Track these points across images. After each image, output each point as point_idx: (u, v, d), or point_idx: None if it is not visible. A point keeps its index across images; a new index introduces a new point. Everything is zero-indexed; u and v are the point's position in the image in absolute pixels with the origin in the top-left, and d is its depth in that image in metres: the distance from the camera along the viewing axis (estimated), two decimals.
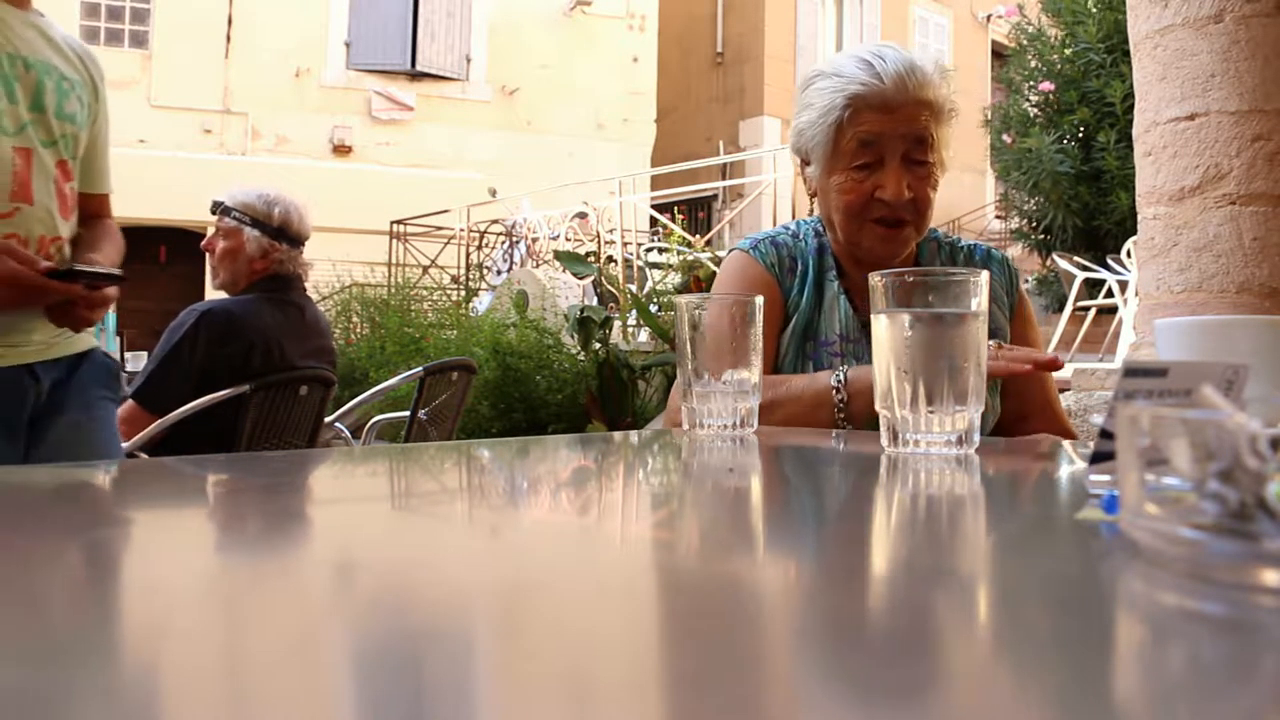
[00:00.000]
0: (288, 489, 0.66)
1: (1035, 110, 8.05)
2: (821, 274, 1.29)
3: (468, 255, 9.22)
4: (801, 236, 1.32)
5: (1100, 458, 0.49)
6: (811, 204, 1.37)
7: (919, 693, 0.26)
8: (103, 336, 3.76)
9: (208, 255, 2.39)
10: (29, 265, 1.23)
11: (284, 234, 2.36)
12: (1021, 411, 1.25)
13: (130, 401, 2.19)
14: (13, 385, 1.31)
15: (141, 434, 2.14)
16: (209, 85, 11.17)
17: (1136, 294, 3.82)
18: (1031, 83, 8.02)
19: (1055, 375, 1.32)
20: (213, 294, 2.53)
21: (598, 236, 7.38)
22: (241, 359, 2.22)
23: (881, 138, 1.17)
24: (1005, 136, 8.08)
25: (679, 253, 5.74)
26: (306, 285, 2.51)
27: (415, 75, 11.86)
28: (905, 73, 1.15)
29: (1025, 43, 8.25)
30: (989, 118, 8.64)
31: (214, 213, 2.40)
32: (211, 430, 2.21)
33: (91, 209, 1.49)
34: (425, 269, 9.40)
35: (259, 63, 11.22)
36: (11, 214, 1.29)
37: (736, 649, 0.28)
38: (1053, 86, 7.83)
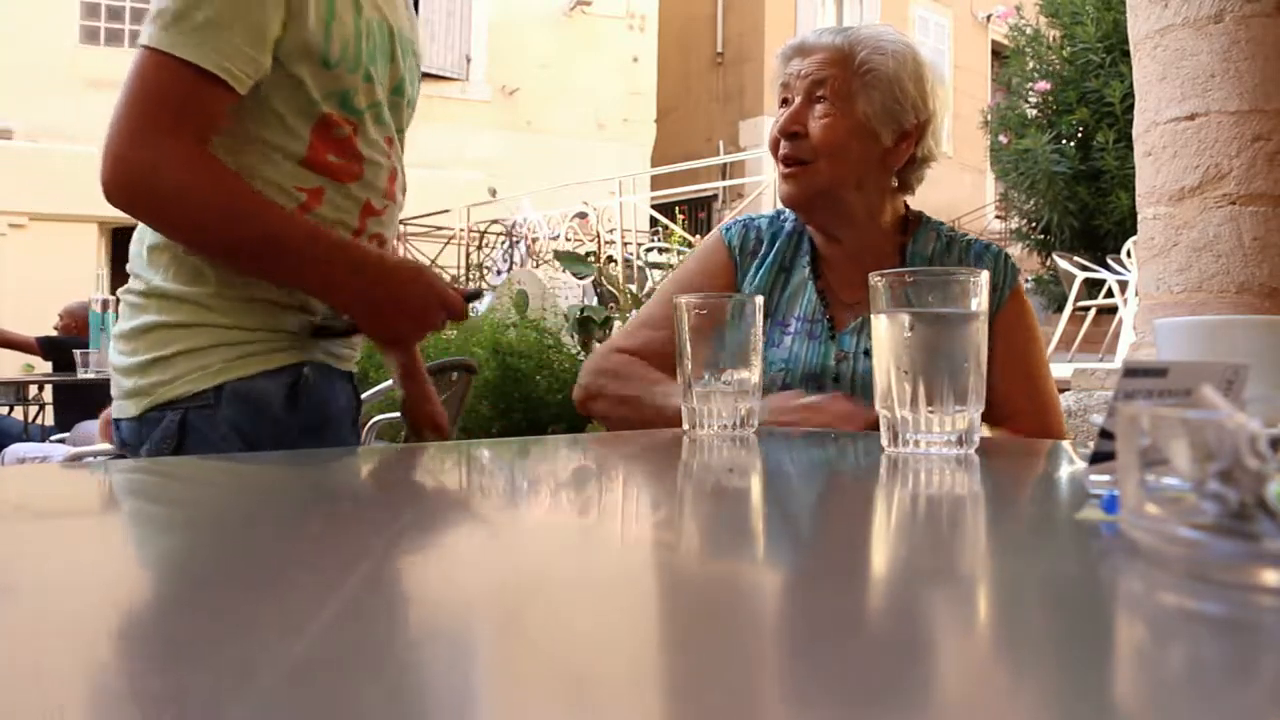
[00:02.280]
0: (288, 488, 0.66)
1: (1034, 111, 8.05)
2: (792, 258, 1.32)
3: (468, 255, 9.22)
4: (783, 220, 1.36)
5: (1100, 458, 0.49)
6: None
7: (919, 693, 0.26)
8: (103, 336, 3.77)
9: None
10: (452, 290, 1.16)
11: None
12: (999, 415, 1.22)
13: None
14: (351, 387, 1.24)
15: None
16: None
17: (1136, 294, 3.82)
18: (1029, 84, 8.02)
19: (1055, 375, 1.31)
20: None
21: (598, 236, 7.38)
22: None
23: (791, 79, 1.26)
24: (1002, 137, 8.08)
25: (679, 253, 5.74)
26: None
27: None
28: (833, 29, 1.27)
29: (1023, 44, 8.26)
30: (988, 118, 8.64)
31: None
32: None
33: None
34: None
35: None
36: (382, 211, 1.19)
37: (736, 649, 0.28)
38: (1049, 86, 7.83)
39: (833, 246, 1.31)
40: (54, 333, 5.04)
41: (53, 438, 3.88)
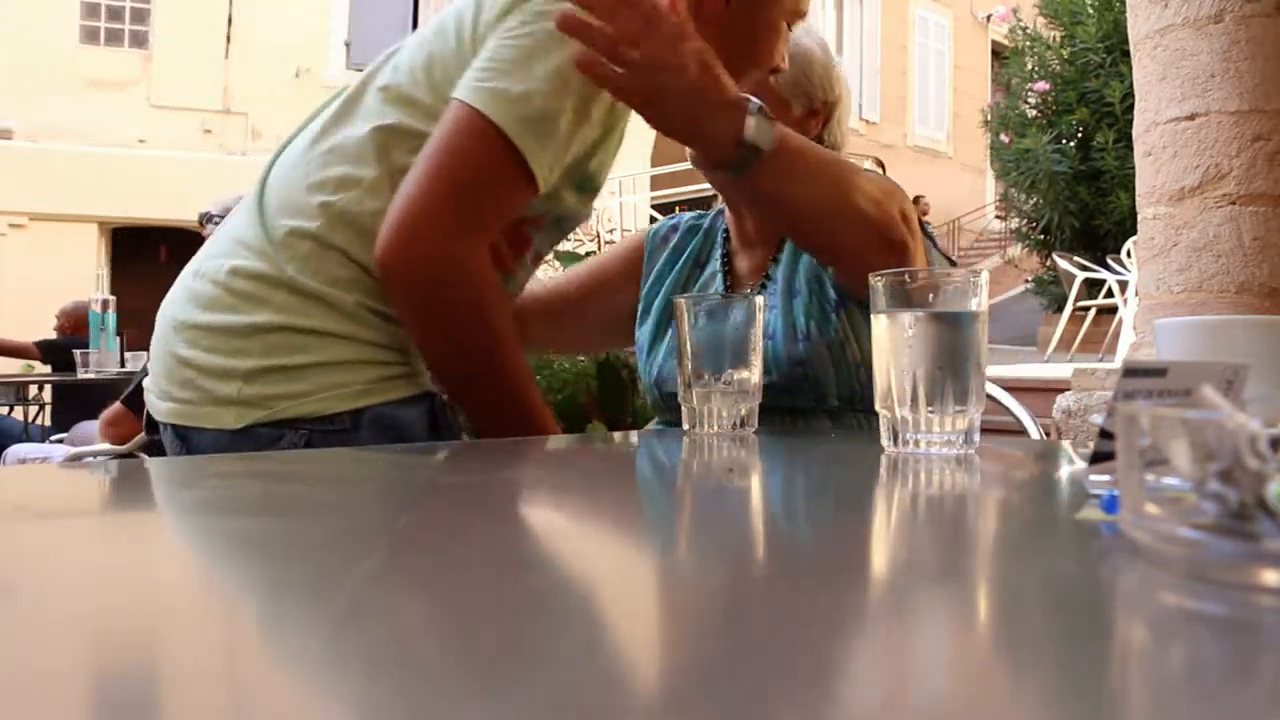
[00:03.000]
0: (291, 488, 0.66)
1: (1034, 111, 8.05)
2: (707, 253, 1.36)
3: None
4: (706, 218, 1.41)
5: (1100, 458, 0.49)
6: None
7: (919, 693, 0.26)
8: (103, 336, 3.77)
9: None
10: None
11: None
12: None
13: (119, 405, 2.19)
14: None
15: (141, 434, 2.14)
16: (209, 85, 11.17)
17: (1136, 294, 3.82)
18: (1028, 85, 8.03)
19: (1054, 375, 1.31)
20: None
21: (598, 237, 7.38)
22: None
23: None
24: (1003, 136, 8.08)
25: None
26: None
27: None
28: None
29: (1022, 45, 8.26)
30: (988, 118, 8.65)
31: (200, 225, 2.43)
32: None
33: None
34: None
35: (259, 63, 11.22)
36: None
37: (736, 649, 0.28)
38: (1048, 86, 7.83)
39: (740, 225, 1.34)
40: (53, 334, 5.04)
41: (52, 438, 3.88)
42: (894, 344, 0.75)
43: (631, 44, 0.86)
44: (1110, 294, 6.39)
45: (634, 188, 8.28)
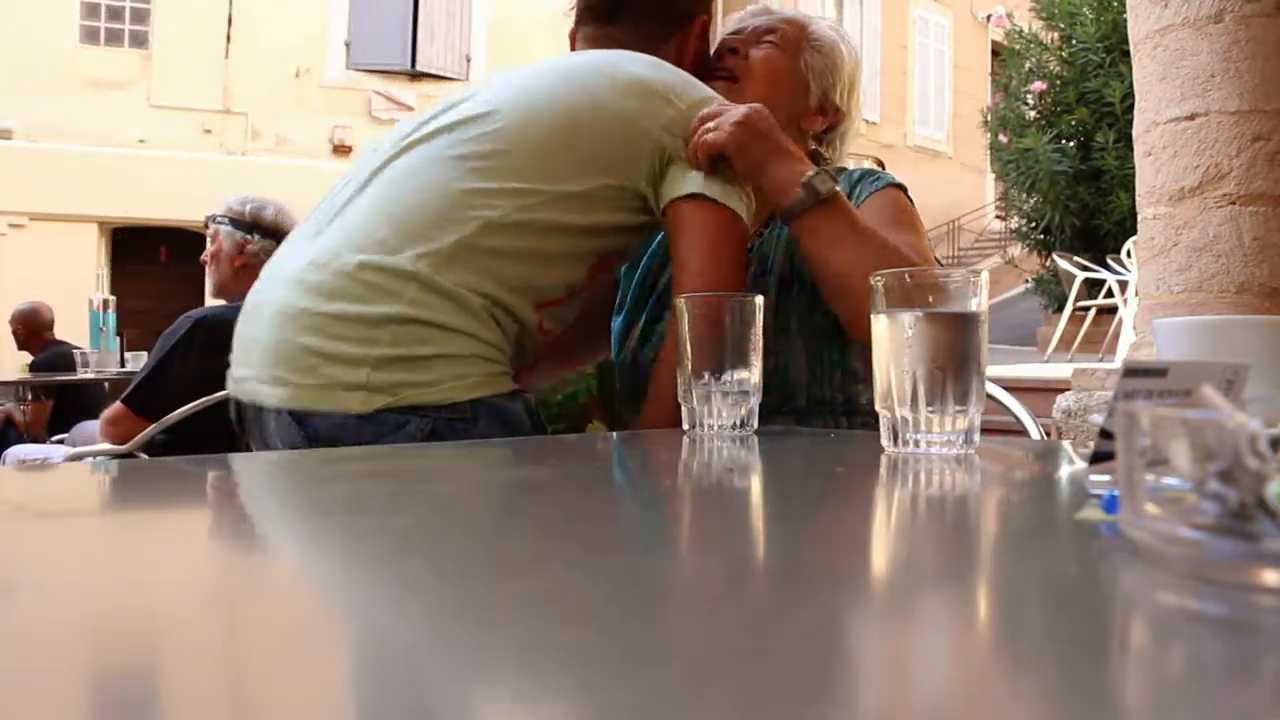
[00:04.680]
0: (289, 490, 0.66)
1: (1033, 112, 8.05)
2: None
3: None
4: None
5: (1100, 458, 0.49)
6: None
7: (919, 692, 0.26)
8: (103, 336, 3.77)
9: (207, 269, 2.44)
10: None
11: (256, 227, 2.40)
12: None
13: (119, 404, 2.19)
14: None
15: (142, 434, 2.14)
16: (209, 85, 11.16)
17: (1136, 294, 3.82)
18: (1026, 86, 8.02)
19: (1054, 375, 1.32)
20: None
21: None
22: None
23: (746, 31, 1.38)
24: (1002, 137, 8.08)
25: None
26: None
27: (415, 75, 11.86)
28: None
29: (1019, 47, 8.26)
30: (987, 118, 8.65)
31: (206, 228, 2.46)
32: (211, 431, 2.21)
33: None
34: None
35: (259, 63, 11.22)
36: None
37: (734, 648, 0.28)
38: (1045, 86, 7.83)
39: None
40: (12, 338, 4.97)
41: (53, 438, 3.88)
42: (894, 344, 0.75)
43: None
44: (1110, 294, 6.39)
45: None
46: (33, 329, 4.89)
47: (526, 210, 1.05)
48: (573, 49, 1.32)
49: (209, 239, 2.44)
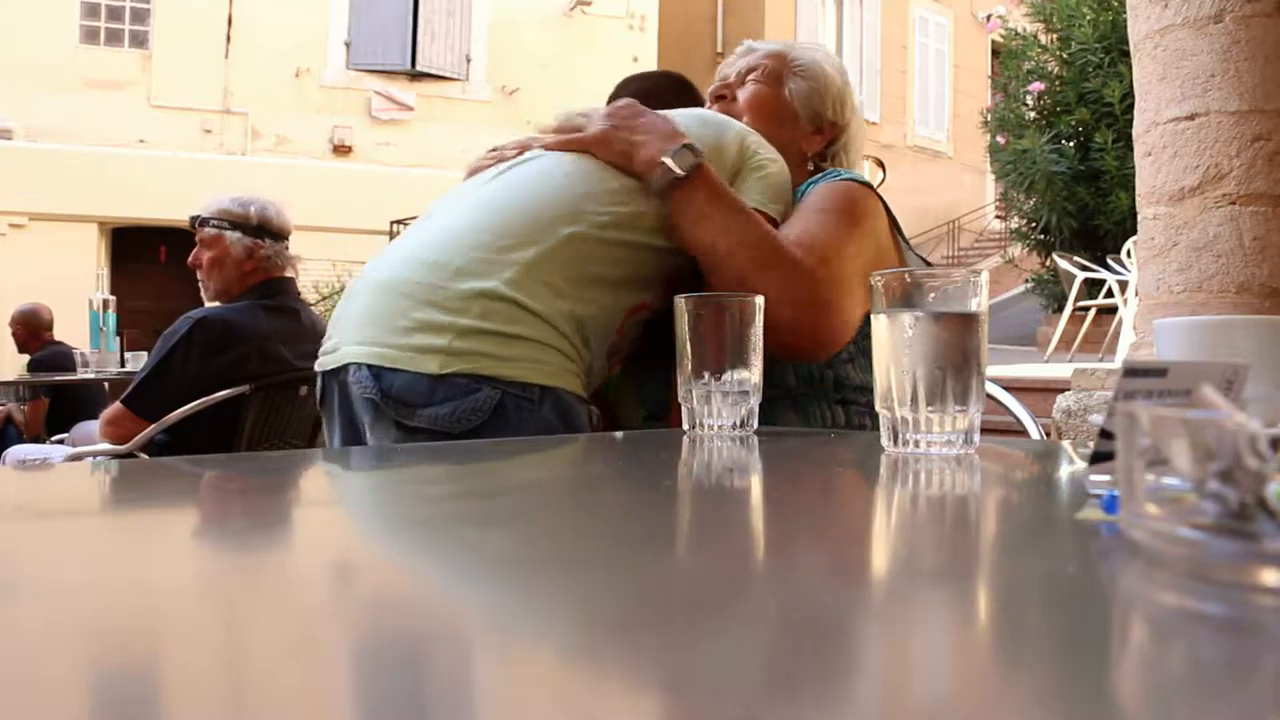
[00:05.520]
0: (291, 489, 0.66)
1: (1032, 112, 8.04)
2: None
3: None
4: None
5: (1100, 458, 0.49)
6: None
7: (919, 692, 0.26)
8: (103, 336, 3.77)
9: (197, 272, 2.38)
10: None
11: (265, 230, 2.37)
12: None
13: (119, 405, 2.19)
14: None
15: (141, 434, 2.14)
16: (209, 85, 11.16)
17: (1136, 294, 3.82)
18: (1024, 87, 8.02)
19: (1054, 375, 1.32)
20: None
21: None
22: (238, 366, 2.21)
23: (731, 74, 1.45)
24: (999, 138, 8.08)
25: None
26: (301, 285, 2.51)
27: (415, 75, 11.86)
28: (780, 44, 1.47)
29: (1017, 47, 8.26)
30: (987, 118, 8.64)
31: (193, 228, 2.40)
32: (211, 431, 2.21)
33: None
34: None
35: (259, 63, 11.22)
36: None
37: (733, 648, 0.28)
38: (1044, 87, 7.82)
39: None
40: (10, 339, 4.97)
41: (53, 438, 3.88)
42: (894, 344, 0.75)
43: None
44: (1110, 294, 6.39)
45: None
46: (32, 329, 4.89)
47: (626, 228, 1.14)
48: None
49: (202, 242, 2.37)
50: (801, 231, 1.18)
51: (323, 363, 1.16)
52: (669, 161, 1.13)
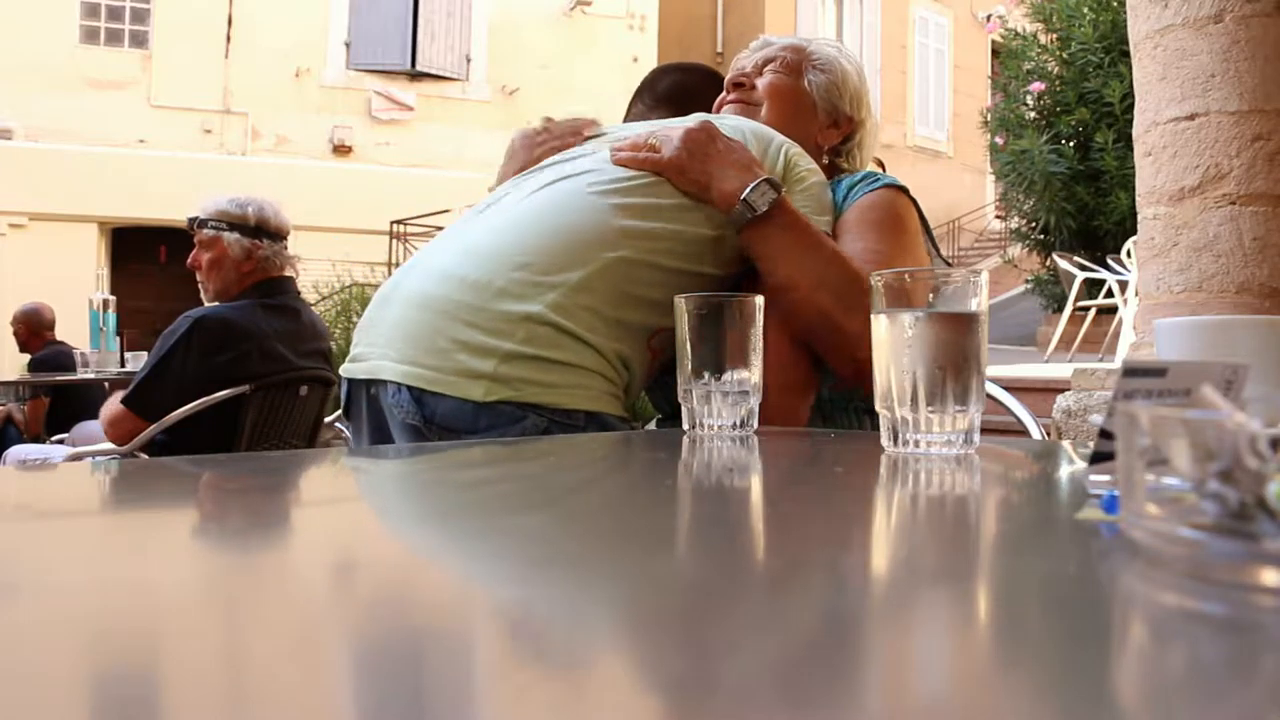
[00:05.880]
0: (289, 489, 0.66)
1: (1032, 112, 8.04)
2: None
3: None
4: None
5: (1100, 458, 0.49)
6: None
7: (919, 692, 0.26)
8: (103, 336, 3.77)
9: (196, 273, 2.38)
10: None
11: (263, 230, 2.37)
12: None
13: (120, 405, 2.19)
14: None
15: (142, 434, 2.14)
16: (209, 85, 11.16)
17: (1136, 294, 3.82)
18: (1024, 87, 8.02)
19: (1054, 375, 1.33)
20: None
21: None
22: (237, 366, 2.21)
23: (748, 65, 1.44)
24: (999, 138, 8.07)
25: None
26: (301, 285, 2.51)
27: (415, 75, 11.86)
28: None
29: (1016, 48, 8.25)
30: (987, 118, 8.64)
31: (190, 230, 2.40)
32: (211, 431, 2.21)
33: None
34: None
35: (259, 63, 11.22)
36: None
37: (733, 648, 0.28)
38: (1043, 87, 7.82)
39: None
40: (13, 339, 4.96)
41: (53, 438, 3.88)
42: (894, 344, 0.75)
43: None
44: (1110, 294, 6.39)
45: None
46: (34, 329, 4.88)
47: (666, 253, 1.13)
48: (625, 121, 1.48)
49: (201, 243, 2.37)
50: (866, 252, 1.18)
51: (350, 370, 1.14)
52: (750, 197, 1.12)
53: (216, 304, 2.36)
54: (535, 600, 0.34)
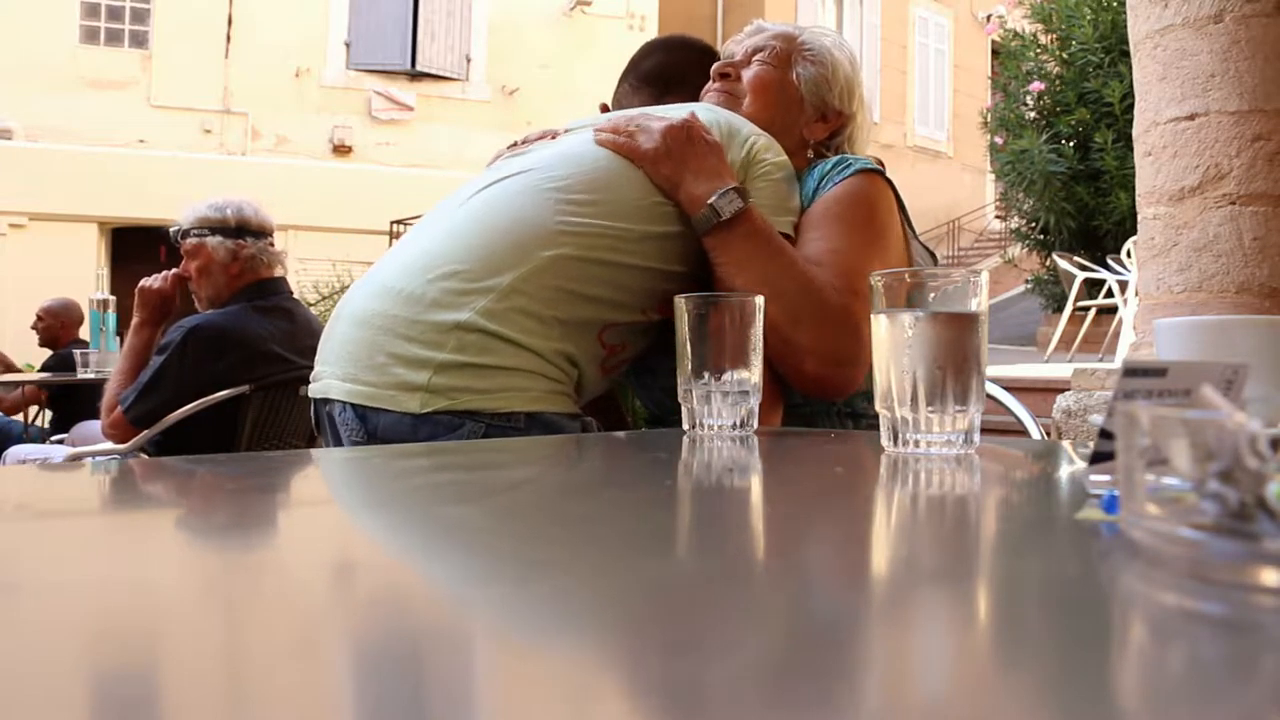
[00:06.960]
0: (287, 488, 0.65)
1: (1032, 112, 8.04)
2: None
3: None
4: None
5: (1100, 458, 0.49)
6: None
7: (919, 692, 0.26)
8: (103, 336, 3.77)
9: (188, 283, 2.39)
10: None
11: (245, 230, 2.36)
12: None
13: (119, 410, 2.19)
14: None
15: (141, 435, 2.14)
16: (209, 85, 11.16)
17: (1136, 294, 3.82)
18: (1024, 87, 8.02)
19: (1054, 375, 1.32)
20: None
21: None
22: (234, 373, 2.21)
23: (739, 52, 1.42)
24: (999, 138, 8.07)
25: None
26: (301, 285, 2.51)
27: (415, 75, 11.86)
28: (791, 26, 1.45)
29: (1016, 48, 8.25)
30: (987, 119, 8.64)
31: (176, 243, 2.40)
32: (211, 431, 2.21)
33: None
34: None
35: (259, 63, 11.22)
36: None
37: (734, 648, 0.28)
38: (1043, 87, 7.82)
39: None
40: (36, 334, 4.96)
41: (52, 438, 3.88)
42: (894, 344, 0.75)
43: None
44: (1110, 294, 6.39)
45: None
46: (65, 324, 4.86)
47: (610, 249, 1.12)
48: (613, 108, 1.46)
49: (187, 253, 2.37)
50: (828, 254, 1.17)
51: (311, 389, 1.16)
52: (716, 203, 1.12)
53: (210, 312, 2.35)
54: (535, 600, 0.34)
